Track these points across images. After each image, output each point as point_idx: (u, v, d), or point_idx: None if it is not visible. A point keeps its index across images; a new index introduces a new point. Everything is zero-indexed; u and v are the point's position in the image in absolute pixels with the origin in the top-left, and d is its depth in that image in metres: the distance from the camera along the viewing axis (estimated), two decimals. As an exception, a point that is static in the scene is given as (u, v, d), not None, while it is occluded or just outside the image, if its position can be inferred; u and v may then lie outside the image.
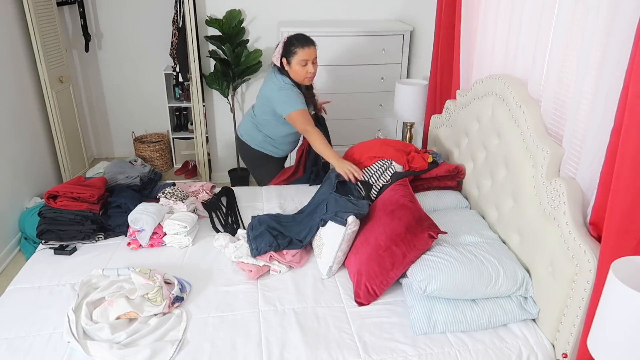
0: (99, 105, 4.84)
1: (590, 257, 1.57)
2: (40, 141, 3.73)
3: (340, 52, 3.72)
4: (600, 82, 1.58)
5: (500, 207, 2.17)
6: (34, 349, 1.73)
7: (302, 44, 2.57)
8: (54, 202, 2.40)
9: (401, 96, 3.18)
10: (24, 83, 3.51)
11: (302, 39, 2.60)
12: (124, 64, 4.69)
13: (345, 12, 3.95)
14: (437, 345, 1.77)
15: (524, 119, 2.02)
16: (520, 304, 1.87)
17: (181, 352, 1.72)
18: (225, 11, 3.79)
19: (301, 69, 2.60)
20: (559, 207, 1.76)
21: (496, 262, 1.88)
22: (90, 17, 4.50)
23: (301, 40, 2.59)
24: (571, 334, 1.67)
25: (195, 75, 3.83)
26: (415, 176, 2.50)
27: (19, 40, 3.46)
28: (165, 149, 4.77)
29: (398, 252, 1.92)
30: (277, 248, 2.14)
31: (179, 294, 1.95)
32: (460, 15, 2.57)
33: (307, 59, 2.58)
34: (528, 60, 2.12)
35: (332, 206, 2.15)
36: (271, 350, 1.74)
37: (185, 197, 2.63)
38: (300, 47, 2.57)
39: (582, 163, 1.72)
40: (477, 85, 2.46)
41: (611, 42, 1.51)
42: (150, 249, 2.33)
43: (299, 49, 2.57)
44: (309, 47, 2.57)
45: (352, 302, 1.98)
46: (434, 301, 1.85)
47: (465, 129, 2.57)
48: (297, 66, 2.60)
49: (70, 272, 2.14)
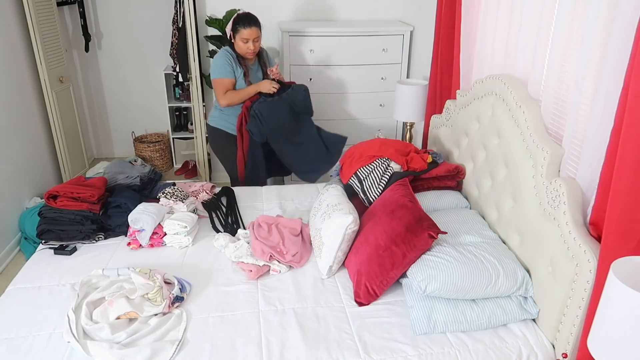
0: (99, 105, 4.84)
1: (590, 257, 1.57)
2: (40, 141, 3.73)
3: (340, 52, 3.72)
4: (600, 82, 1.58)
5: (500, 207, 2.17)
6: (34, 349, 1.73)
7: (245, 24, 2.86)
8: (54, 202, 2.40)
9: (401, 96, 3.18)
10: (24, 83, 3.51)
11: (247, 19, 2.88)
12: (124, 64, 4.69)
13: (345, 12, 3.95)
14: (437, 345, 1.77)
15: (524, 119, 2.02)
16: (520, 304, 1.87)
17: (181, 352, 1.72)
18: (225, 11, 3.79)
19: (243, 45, 2.91)
20: (559, 207, 1.76)
21: (496, 262, 1.88)
22: (90, 17, 4.50)
23: (245, 20, 2.87)
24: (571, 334, 1.67)
25: (195, 75, 3.83)
26: (415, 176, 2.50)
27: (19, 40, 3.46)
28: (165, 149, 4.77)
29: (398, 252, 1.92)
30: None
31: (179, 294, 1.95)
32: (460, 15, 2.57)
33: (248, 37, 2.88)
34: (528, 60, 2.12)
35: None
36: (271, 350, 1.74)
37: (185, 197, 2.63)
38: (243, 26, 2.86)
39: (582, 163, 1.72)
40: (477, 85, 2.46)
41: (611, 42, 1.51)
42: (150, 249, 2.33)
43: (241, 27, 2.86)
44: (250, 28, 2.86)
45: (352, 302, 1.98)
46: (434, 301, 1.85)
47: (465, 129, 2.57)
48: (240, 42, 2.91)
49: (70, 272, 2.14)
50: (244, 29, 2.87)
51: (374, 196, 2.41)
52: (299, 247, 2.26)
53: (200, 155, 4.20)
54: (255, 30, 2.90)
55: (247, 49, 2.92)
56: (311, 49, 3.68)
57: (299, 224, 2.43)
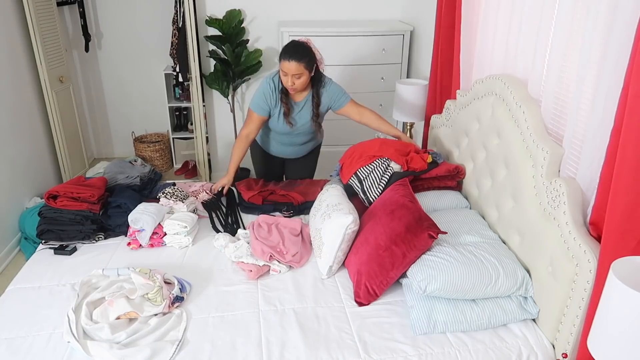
0: (99, 105, 4.84)
1: (590, 257, 1.57)
2: (40, 141, 3.73)
3: (341, 52, 3.72)
4: (600, 82, 1.58)
5: (500, 207, 2.17)
6: (34, 349, 1.73)
7: (285, 56, 2.47)
8: (54, 202, 2.40)
9: (401, 96, 3.18)
10: (23, 83, 3.51)
11: (290, 50, 2.47)
12: (124, 64, 4.70)
13: (345, 12, 3.95)
14: (437, 345, 1.77)
15: (524, 119, 2.02)
16: (520, 304, 1.87)
17: (181, 352, 1.72)
18: (225, 11, 3.79)
19: (283, 78, 2.54)
20: (559, 207, 1.76)
21: (496, 262, 1.88)
22: (90, 17, 4.50)
23: (287, 52, 2.48)
24: (571, 334, 1.67)
25: (195, 75, 3.83)
26: (415, 176, 2.50)
27: (19, 40, 3.46)
28: (165, 149, 4.77)
29: (398, 252, 1.92)
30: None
31: (179, 294, 1.95)
32: (460, 15, 2.57)
33: (287, 72, 2.47)
34: (528, 60, 2.12)
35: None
36: (271, 350, 1.74)
37: (185, 197, 2.63)
38: (283, 58, 2.47)
39: (582, 163, 1.72)
40: (477, 85, 2.46)
41: (611, 42, 1.51)
42: (150, 249, 2.33)
43: (282, 59, 2.48)
44: (288, 62, 2.44)
45: (352, 302, 1.98)
46: (434, 301, 1.85)
47: (465, 129, 2.57)
48: (281, 73, 2.53)
49: (70, 272, 2.14)
50: (283, 62, 2.46)
51: (374, 196, 2.41)
52: (299, 247, 2.26)
53: (200, 155, 4.20)
54: (296, 65, 2.44)
55: (286, 84, 2.53)
56: (311, 49, 3.67)
57: (299, 224, 2.43)
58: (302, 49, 2.49)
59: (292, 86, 2.52)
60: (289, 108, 2.65)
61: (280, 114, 2.67)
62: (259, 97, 2.64)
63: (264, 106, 2.64)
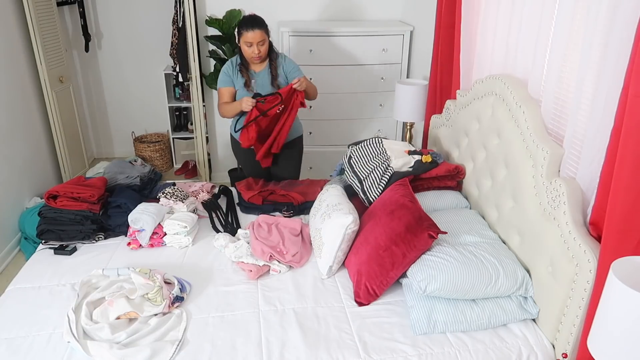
0: (99, 105, 4.84)
1: (590, 257, 1.57)
2: (40, 141, 3.73)
3: (340, 52, 3.72)
4: (600, 82, 1.58)
5: (500, 207, 2.17)
6: (34, 349, 1.73)
7: (248, 26, 2.64)
8: (54, 202, 2.40)
9: (401, 96, 3.18)
10: (24, 83, 3.51)
11: (250, 21, 2.65)
12: (124, 64, 4.69)
13: (345, 12, 3.95)
14: (437, 345, 1.77)
15: (524, 119, 2.02)
16: (520, 304, 1.87)
17: (181, 352, 1.72)
18: (225, 11, 3.79)
19: (247, 49, 2.69)
20: (559, 207, 1.76)
21: (496, 262, 1.88)
22: (90, 17, 4.50)
23: (249, 22, 2.65)
24: (571, 334, 1.67)
25: (195, 75, 3.83)
26: (415, 176, 2.50)
27: (19, 40, 3.46)
28: (165, 149, 4.77)
29: (398, 252, 1.92)
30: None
31: (179, 294, 1.95)
32: (460, 15, 2.57)
33: (252, 41, 2.65)
34: (528, 60, 2.12)
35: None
36: (271, 350, 1.74)
37: (185, 197, 2.63)
38: (246, 29, 2.64)
39: (582, 163, 1.72)
40: (477, 85, 2.46)
41: (611, 42, 1.51)
42: (150, 249, 2.33)
43: (244, 30, 2.64)
44: (252, 30, 2.63)
45: (352, 302, 1.98)
46: (434, 301, 1.85)
47: (465, 129, 2.57)
48: (244, 46, 2.69)
49: (70, 272, 2.14)
50: (247, 32, 2.64)
51: (374, 196, 2.41)
52: (299, 247, 2.26)
53: (200, 155, 4.20)
54: (260, 32, 2.65)
55: (252, 54, 2.69)
56: (311, 49, 3.68)
57: (299, 224, 2.43)
58: (259, 19, 2.70)
59: (258, 54, 2.69)
60: (249, 76, 2.80)
61: (242, 86, 2.80)
62: (221, 74, 2.83)
63: (227, 79, 2.82)
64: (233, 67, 2.82)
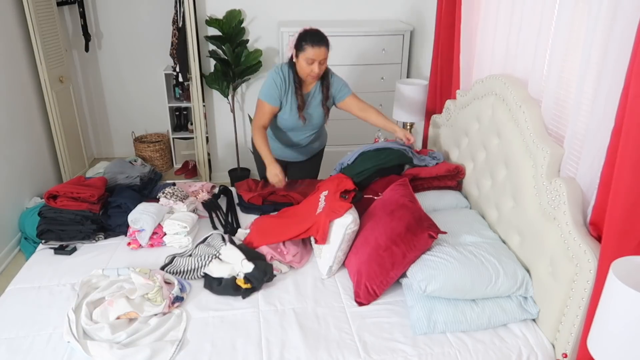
0: (99, 105, 4.84)
1: (590, 257, 1.57)
2: (40, 141, 3.73)
3: (340, 52, 3.72)
4: (600, 82, 1.58)
5: (500, 207, 2.17)
6: (34, 349, 1.73)
7: (313, 42, 2.44)
8: (54, 202, 2.40)
9: (401, 96, 3.18)
10: (24, 83, 3.51)
11: (316, 36, 2.46)
12: (124, 64, 4.70)
13: (345, 12, 3.95)
14: (437, 345, 1.77)
15: (524, 119, 2.02)
16: (520, 304, 1.87)
17: (181, 352, 1.72)
18: (225, 11, 3.79)
19: (306, 67, 2.50)
20: (559, 207, 1.76)
21: (496, 262, 1.88)
22: (90, 17, 4.50)
23: (314, 38, 2.46)
24: (571, 334, 1.67)
25: (195, 75, 3.83)
26: (415, 176, 2.50)
27: (19, 40, 3.46)
28: (165, 149, 4.77)
29: (398, 252, 1.92)
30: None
31: (179, 294, 1.95)
32: (460, 15, 2.57)
33: (314, 58, 2.46)
34: (528, 60, 2.12)
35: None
36: (271, 350, 1.74)
37: (185, 197, 2.63)
38: (310, 45, 2.44)
39: (582, 163, 1.72)
40: (477, 85, 2.46)
41: (611, 42, 1.51)
42: (150, 249, 2.33)
43: (308, 46, 2.44)
44: (319, 47, 2.44)
45: (352, 302, 1.98)
46: (434, 301, 1.85)
47: (465, 129, 2.58)
48: (303, 62, 2.49)
49: (70, 272, 2.14)
50: (311, 48, 2.43)
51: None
52: (299, 247, 2.26)
53: (200, 155, 4.20)
54: (324, 50, 2.45)
55: (311, 72, 2.49)
56: (311, 49, 3.67)
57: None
58: (323, 34, 2.49)
59: (318, 73, 2.50)
60: (303, 101, 2.61)
61: (293, 108, 2.61)
62: (269, 87, 2.57)
63: (276, 96, 2.57)
64: (286, 83, 2.57)
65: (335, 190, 2.26)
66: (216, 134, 4.28)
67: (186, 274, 2.10)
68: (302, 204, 2.46)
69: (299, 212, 2.38)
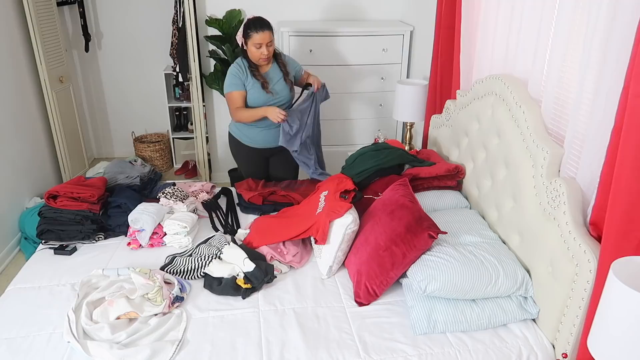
0: (99, 105, 4.84)
1: (590, 257, 1.57)
2: (40, 141, 3.73)
3: (341, 52, 3.72)
4: (600, 82, 1.58)
5: (500, 207, 2.17)
6: (34, 349, 1.73)
7: (257, 28, 2.68)
8: (54, 202, 2.40)
9: (401, 96, 3.18)
10: (24, 83, 3.51)
11: (258, 23, 2.70)
12: (124, 64, 4.69)
13: (345, 12, 3.95)
14: (437, 345, 1.77)
15: (524, 119, 2.02)
16: (520, 304, 1.87)
17: (181, 352, 1.72)
18: (225, 11, 3.78)
19: (256, 51, 2.71)
20: (559, 207, 1.76)
21: (496, 262, 1.88)
22: (90, 17, 4.50)
23: (257, 24, 2.69)
24: (571, 334, 1.67)
25: (195, 75, 3.83)
26: (415, 176, 2.50)
27: (19, 40, 3.46)
28: (165, 149, 4.77)
29: (398, 252, 1.92)
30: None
31: (179, 294, 1.95)
32: (460, 15, 2.57)
33: (261, 42, 2.68)
34: (528, 60, 2.12)
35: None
36: (271, 350, 1.74)
37: (185, 197, 2.63)
38: (255, 31, 2.67)
39: (582, 163, 1.72)
40: (477, 85, 2.46)
41: (611, 42, 1.51)
42: (150, 249, 2.33)
43: (253, 32, 2.67)
44: (262, 32, 2.67)
45: (352, 302, 1.98)
46: (434, 301, 1.85)
47: (465, 129, 2.58)
48: (253, 48, 2.71)
49: (70, 272, 2.14)
50: (256, 34, 2.66)
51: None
52: (299, 247, 2.26)
53: (200, 155, 4.20)
54: (268, 33, 2.69)
55: (261, 55, 2.71)
56: (311, 49, 3.67)
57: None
58: (266, 20, 2.72)
59: (267, 55, 2.72)
60: (264, 78, 2.80)
61: (256, 87, 2.78)
62: (231, 78, 2.79)
63: (239, 82, 2.78)
64: (243, 70, 2.78)
65: (335, 190, 2.27)
66: (216, 134, 4.28)
67: (186, 273, 2.10)
68: (302, 204, 2.48)
69: (299, 212, 2.39)
